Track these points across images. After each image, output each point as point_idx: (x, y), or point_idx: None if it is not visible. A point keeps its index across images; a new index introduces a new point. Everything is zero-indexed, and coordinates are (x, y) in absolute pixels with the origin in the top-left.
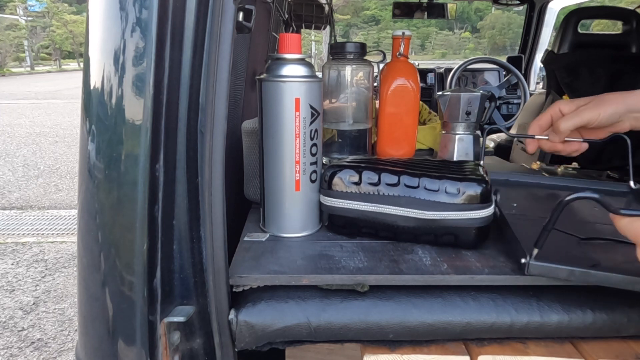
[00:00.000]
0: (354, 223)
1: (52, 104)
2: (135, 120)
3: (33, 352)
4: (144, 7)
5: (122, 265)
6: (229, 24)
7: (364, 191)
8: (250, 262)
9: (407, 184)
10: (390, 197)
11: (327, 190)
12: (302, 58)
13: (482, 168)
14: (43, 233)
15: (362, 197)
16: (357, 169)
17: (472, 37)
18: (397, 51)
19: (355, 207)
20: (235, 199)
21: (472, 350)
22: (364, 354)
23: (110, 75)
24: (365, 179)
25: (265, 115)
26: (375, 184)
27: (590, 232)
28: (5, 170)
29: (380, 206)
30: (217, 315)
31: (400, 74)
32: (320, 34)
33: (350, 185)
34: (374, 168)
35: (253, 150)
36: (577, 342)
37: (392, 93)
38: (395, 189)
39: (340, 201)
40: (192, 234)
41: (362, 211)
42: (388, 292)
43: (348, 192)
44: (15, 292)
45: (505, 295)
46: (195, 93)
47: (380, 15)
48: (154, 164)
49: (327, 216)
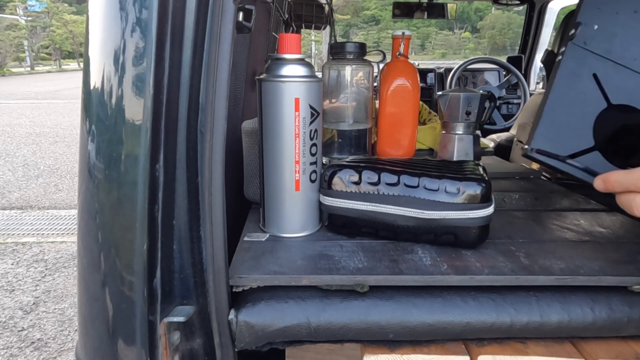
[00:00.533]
0: (353, 223)
1: (52, 104)
2: (135, 120)
3: (33, 352)
4: (144, 7)
5: (122, 265)
6: (229, 24)
7: (364, 191)
8: (250, 262)
9: (406, 184)
10: (390, 197)
11: (327, 189)
12: (301, 58)
13: (482, 168)
14: (43, 233)
15: (362, 196)
16: (356, 168)
17: (472, 37)
18: (397, 51)
19: (355, 206)
20: (235, 199)
21: (472, 350)
22: (364, 354)
23: (110, 75)
24: (365, 178)
25: (265, 115)
26: (375, 183)
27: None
28: (5, 170)
29: (380, 206)
30: (217, 315)
31: (400, 74)
32: (320, 34)
33: (350, 184)
34: (373, 168)
35: (253, 150)
36: (577, 342)
37: (392, 93)
38: (395, 188)
39: (340, 201)
40: (192, 234)
41: (362, 211)
42: (388, 292)
43: (348, 192)
44: (15, 292)
45: (505, 295)
46: (195, 93)
47: (380, 15)
48: (154, 164)
49: (327, 216)
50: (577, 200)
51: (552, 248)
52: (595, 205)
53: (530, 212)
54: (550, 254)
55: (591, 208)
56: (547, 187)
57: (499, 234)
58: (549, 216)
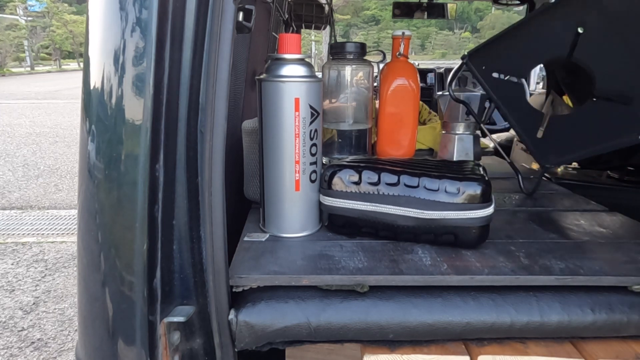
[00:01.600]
0: (353, 223)
1: (52, 104)
2: (135, 120)
3: (33, 352)
4: (144, 7)
5: (122, 265)
6: (229, 24)
7: (364, 191)
8: (250, 262)
9: (406, 184)
10: (390, 197)
11: (327, 189)
12: (301, 58)
13: (482, 168)
14: (43, 233)
15: (362, 196)
16: (356, 168)
17: (472, 37)
18: (397, 51)
19: (355, 206)
20: (235, 199)
21: (472, 350)
22: (364, 354)
23: (110, 75)
24: (365, 178)
25: (265, 115)
26: (375, 183)
27: None
28: (5, 170)
29: (380, 206)
30: (217, 315)
31: (400, 74)
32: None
33: (350, 184)
34: (373, 168)
35: (253, 150)
36: (577, 342)
37: (392, 93)
38: (395, 188)
39: (340, 201)
40: (192, 234)
41: (362, 211)
42: (388, 292)
43: (348, 192)
44: (15, 292)
45: (505, 295)
46: (195, 93)
47: (380, 15)
48: (154, 164)
49: (327, 216)
50: (577, 200)
51: (552, 248)
52: (595, 206)
53: (530, 212)
54: (550, 254)
55: (591, 208)
56: (547, 187)
57: (499, 234)
58: (549, 216)
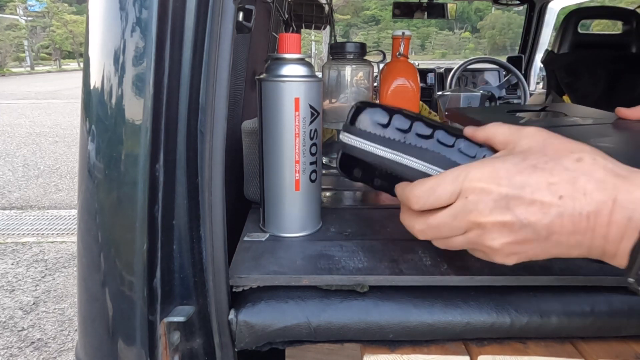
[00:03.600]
0: (368, 169)
1: (52, 104)
2: (135, 120)
3: (33, 352)
4: (144, 7)
5: (122, 265)
6: (229, 24)
7: (389, 136)
8: (250, 262)
9: (440, 140)
10: (417, 149)
11: (349, 125)
12: (301, 58)
13: None
14: (43, 233)
15: (386, 141)
16: (389, 110)
17: (472, 37)
18: (397, 51)
19: (375, 151)
20: (235, 199)
21: (472, 350)
22: (364, 354)
23: (110, 75)
24: (395, 122)
25: (265, 115)
26: (405, 130)
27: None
28: (5, 170)
29: (403, 156)
30: (217, 315)
31: (400, 74)
32: (320, 34)
33: (376, 126)
34: (408, 115)
35: (253, 150)
36: (577, 342)
37: (392, 93)
38: (425, 141)
39: (360, 140)
40: (192, 234)
41: (381, 157)
42: (388, 292)
43: (371, 133)
44: (15, 292)
45: (505, 295)
46: (195, 93)
47: (380, 15)
48: (154, 164)
49: (341, 155)
50: None
51: None
52: None
53: None
54: None
55: None
56: None
57: None
58: None
